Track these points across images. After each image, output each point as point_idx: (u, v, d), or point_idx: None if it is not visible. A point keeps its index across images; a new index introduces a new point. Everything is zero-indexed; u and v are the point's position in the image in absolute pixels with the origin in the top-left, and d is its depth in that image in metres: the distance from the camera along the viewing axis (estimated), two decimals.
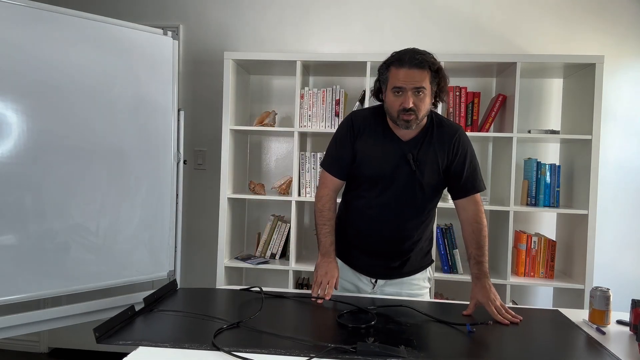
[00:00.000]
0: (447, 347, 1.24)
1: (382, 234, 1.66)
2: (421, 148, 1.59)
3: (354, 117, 1.68)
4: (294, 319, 1.42)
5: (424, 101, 1.50)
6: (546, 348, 1.25)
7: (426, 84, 1.48)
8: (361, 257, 1.72)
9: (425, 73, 1.48)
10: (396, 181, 1.60)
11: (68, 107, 2.01)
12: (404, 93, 1.48)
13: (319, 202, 1.71)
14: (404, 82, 1.48)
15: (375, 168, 1.62)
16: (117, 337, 1.22)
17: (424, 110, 1.52)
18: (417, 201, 1.63)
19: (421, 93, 1.48)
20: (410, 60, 1.47)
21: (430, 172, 1.60)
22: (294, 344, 1.20)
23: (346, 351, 1.15)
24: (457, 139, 1.61)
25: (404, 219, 1.64)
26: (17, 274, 1.90)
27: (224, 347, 1.15)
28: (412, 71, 1.47)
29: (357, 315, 1.44)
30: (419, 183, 1.59)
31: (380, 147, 1.61)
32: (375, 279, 1.71)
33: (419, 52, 1.50)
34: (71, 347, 3.04)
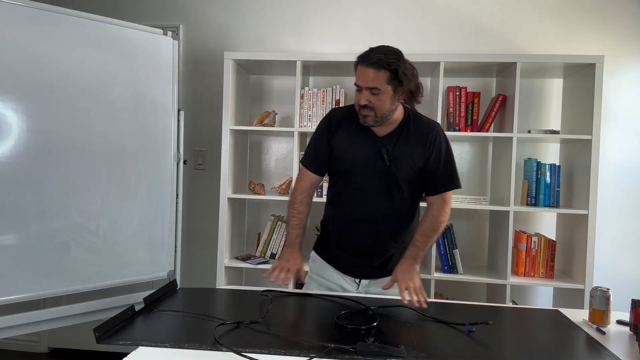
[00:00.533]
0: (447, 347, 1.24)
1: (361, 231, 1.67)
2: (396, 143, 1.60)
3: (332, 114, 1.72)
4: (294, 319, 1.42)
5: (382, 100, 1.51)
6: (546, 348, 1.25)
7: (381, 84, 1.49)
8: (344, 257, 1.73)
9: (381, 74, 1.48)
10: (371, 176, 1.62)
11: (68, 107, 2.01)
12: (362, 90, 1.51)
13: (292, 195, 1.74)
14: (360, 80, 1.51)
15: (351, 163, 1.64)
16: (117, 337, 1.22)
17: (383, 109, 1.52)
18: (394, 197, 1.63)
19: (376, 93, 1.49)
20: (369, 59, 1.48)
21: (405, 167, 1.60)
22: (294, 344, 1.20)
23: (346, 351, 1.15)
24: (433, 137, 1.61)
25: (382, 216, 1.64)
26: (17, 274, 1.90)
27: (226, 346, 1.15)
28: (368, 70, 1.48)
29: (357, 316, 1.44)
30: (393, 178, 1.60)
31: (356, 143, 1.63)
32: (359, 279, 1.72)
33: (381, 51, 1.50)
34: (71, 347, 3.04)
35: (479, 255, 2.77)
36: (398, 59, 1.50)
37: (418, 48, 2.77)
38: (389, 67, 1.47)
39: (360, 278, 1.72)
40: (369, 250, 1.69)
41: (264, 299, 1.58)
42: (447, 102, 2.55)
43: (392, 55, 1.49)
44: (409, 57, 2.46)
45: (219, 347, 1.16)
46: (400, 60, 1.50)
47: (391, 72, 1.48)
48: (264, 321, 1.36)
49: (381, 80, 1.48)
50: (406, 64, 1.52)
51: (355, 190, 1.65)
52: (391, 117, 1.58)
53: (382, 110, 1.53)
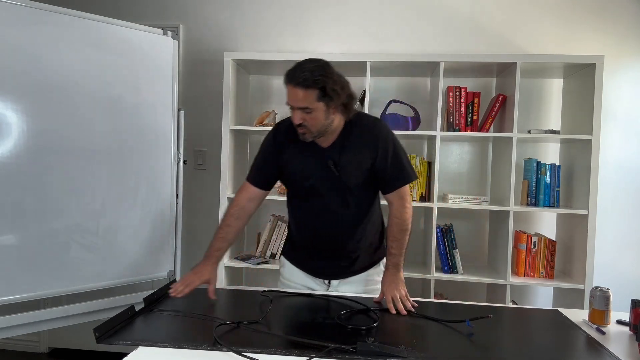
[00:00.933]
0: (447, 347, 1.24)
1: (324, 240, 1.68)
2: (342, 152, 1.57)
3: (276, 130, 1.68)
4: (294, 319, 1.42)
5: (315, 118, 1.47)
6: (546, 348, 1.25)
7: (310, 103, 1.44)
8: (311, 261, 1.73)
9: (310, 92, 1.43)
10: (323, 188, 1.61)
11: (68, 107, 2.01)
12: (293, 109, 1.48)
13: (229, 206, 1.71)
14: (290, 100, 1.47)
15: (302, 178, 1.63)
16: (117, 337, 1.22)
17: (317, 125, 1.49)
18: (349, 204, 1.62)
19: (308, 112, 1.46)
20: (295, 78, 1.43)
21: (354, 173, 1.59)
22: (294, 344, 1.20)
23: (346, 351, 1.15)
24: (375, 136, 1.59)
25: (341, 223, 1.64)
26: (17, 274, 1.90)
27: (226, 346, 1.15)
28: (296, 90, 1.44)
29: (357, 316, 1.44)
30: (345, 186, 1.59)
31: (303, 157, 1.61)
32: (328, 280, 1.73)
33: (307, 68, 1.43)
34: (71, 347, 3.04)
35: (479, 255, 2.77)
36: (325, 74, 1.44)
37: (418, 48, 2.78)
38: (317, 85, 1.42)
39: (329, 279, 1.73)
40: (334, 255, 1.70)
41: (264, 299, 1.58)
42: (447, 102, 2.55)
43: (319, 72, 1.43)
44: (409, 57, 2.50)
45: (219, 347, 1.16)
46: (327, 76, 1.44)
47: (319, 89, 1.43)
48: (264, 321, 1.36)
49: (310, 99, 1.44)
50: (334, 77, 1.47)
51: (312, 201, 1.65)
52: (330, 129, 1.55)
53: (316, 126, 1.50)
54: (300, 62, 1.46)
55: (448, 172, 2.78)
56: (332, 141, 1.59)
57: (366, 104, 2.53)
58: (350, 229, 1.65)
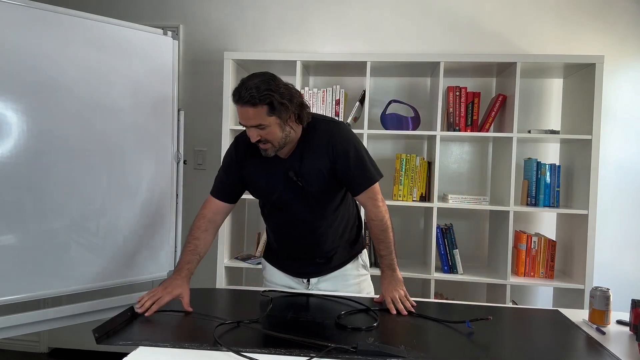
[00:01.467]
0: (447, 347, 1.24)
1: (298, 244, 1.70)
2: (302, 161, 1.56)
3: (236, 144, 1.66)
4: (294, 319, 1.42)
5: (272, 132, 1.45)
6: (546, 348, 1.25)
7: (262, 119, 1.42)
8: (288, 262, 1.76)
9: (259, 109, 1.41)
10: (288, 199, 1.61)
11: (68, 107, 2.01)
12: (248, 128, 1.46)
13: (195, 220, 1.68)
14: (242, 120, 1.45)
15: (265, 191, 1.63)
16: (116, 337, 1.22)
17: (277, 138, 1.47)
18: (316, 210, 1.62)
19: (262, 128, 1.44)
20: (241, 98, 1.40)
21: (316, 181, 1.57)
22: (294, 344, 1.20)
23: (346, 351, 1.15)
24: (332, 142, 1.55)
25: (311, 228, 1.65)
26: (17, 274, 1.90)
27: (226, 346, 1.15)
28: (245, 109, 1.41)
29: (357, 316, 1.44)
30: (310, 195, 1.58)
31: (265, 170, 1.60)
32: (307, 279, 1.74)
33: (251, 87, 1.40)
34: (71, 347, 3.04)
35: (479, 255, 2.77)
36: (270, 89, 1.41)
37: (418, 48, 2.78)
38: (264, 101, 1.40)
39: (308, 277, 1.74)
40: (309, 256, 1.71)
41: (264, 299, 1.58)
42: (447, 102, 2.55)
43: (264, 87, 1.40)
44: (409, 57, 2.50)
45: (218, 347, 1.16)
46: (273, 90, 1.41)
47: (267, 105, 1.41)
48: (263, 321, 1.36)
49: (261, 115, 1.42)
50: (281, 89, 1.43)
51: (279, 210, 1.66)
52: (290, 140, 1.52)
53: (276, 139, 1.48)
54: (244, 80, 1.43)
55: (448, 172, 2.79)
56: (291, 151, 1.58)
57: (366, 104, 2.53)
58: (322, 233, 1.66)
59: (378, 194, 1.62)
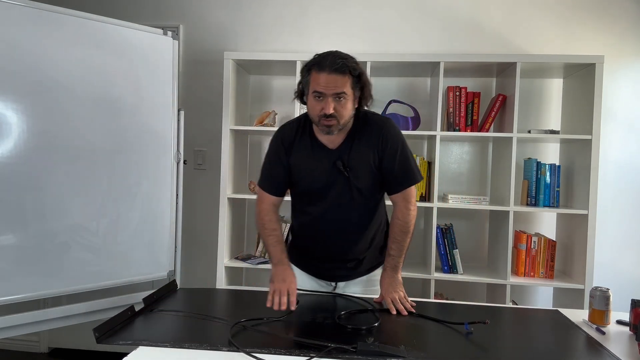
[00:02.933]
0: (447, 347, 1.24)
1: (331, 243, 1.66)
2: (350, 153, 1.56)
3: (282, 133, 1.65)
4: (295, 318, 1.42)
5: (346, 107, 1.46)
6: (546, 348, 1.25)
7: (347, 89, 1.44)
8: (317, 265, 1.72)
9: (346, 78, 1.43)
10: (332, 191, 1.58)
11: (68, 107, 2.01)
12: (325, 98, 1.44)
13: (259, 217, 1.69)
14: (324, 87, 1.43)
15: (310, 182, 1.61)
16: (117, 337, 1.22)
17: (346, 115, 1.47)
18: (358, 205, 1.61)
19: (342, 98, 1.44)
20: (331, 64, 1.41)
21: (364, 174, 1.57)
22: (294, 343, 1.20)
23: (346, 351, 1.15)
24: (383, 135, 1.56)
25: (350, 224, 1.63)
26: (17, 274, 1.90)
27: (241, 347, 1.15)
28: (332, 76, 1.42)
29: (357, 316, 1.44)
30: (355, 188, 1.57)
31: (311, 160, 1.59)
32: (335, 283, 1.72)
33: (341, 56, 1.45)
34: (71, 347, 3.04)
35: (479, 255, 2.77)
36: (357, 63, 1.46)
37: (418, 48, 2.78)
38: (354, 72, 1.44)
39: (336, 281, 1.72)
40: (341, 258, 1.68)
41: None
42: (447, 102, 2.55)
43: (352, 60, 1.45)
44: (409, 57, 2.50)
45: (218, 347, 1.16)
46: (358, 65, 1.47)
47: (355, 76, 1.44)
48: (264, 321, 1.36)
49: (347, 85, 1.44)
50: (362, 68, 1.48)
51: (319, 205, 1.62)
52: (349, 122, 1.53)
53: (345, 116, 1.47)
54: (327, 52, 1.46)
55: (448, 172, 2.78)
56: (341, 141, 1.57)
57: None
58: (359, 231, 1.64)
59: (413, 197, 1.62)
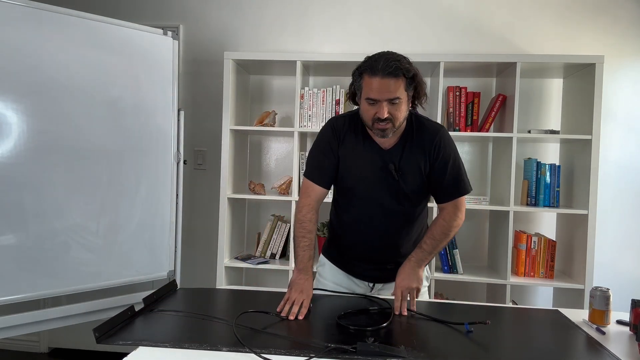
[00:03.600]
0: (447, 347, 1.24)
1: (373, 245, 1.63)
2: (402, 156, 1.53)
3: (335, 123, 1.60)
4: (294, 319, 1.42)
5: (400, 109, 1.42)
6: (546, 348, 1.25)
7: (401, 93, 1.40)
8: (356, 264, 1.68)
9: (400, 81, 1.39)
10: (378, 191, 1.56)
11: (68, 107, 2.01)
12: (378, 103, 1.41)
13: (300, 213, 1.61)
14: (377, 93, 1.39)
15: (357, 178, 1.57)
16: (117, 337, 1.21)
17: (401, 118, 1.44)
18: (405, 209, 1.58)
19: (396, 102, 1.41)
20: (384, 69, 1.37)
21: (413, 179, 1.54)
22: (294, 344, 1.20)
23: (346, 351, 1.15)
24: (437, 142, 1.53)
25: (393, 228, 1.60)
26: (17, 274, 1.90)
27: (248, 347, 1.15)
28: (385, 81, 1.37)
29: (359, 315, 1.44)
30: (403, 192, 1.55)
31: (362, 157, 1.55)
32: (372, 284, 1.69)
33: (393, 58, 1.39)
34: (71, 347, 3.04)
35: (479, 255, 2.78)
36: (410, 63, 1.41)
37: (418, 48, 2.77)
38: (408, 74, 1.39)
39: (374, 282, 1.69)
40: (381, 260, 1.65)
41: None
42: (447, 102, 2.55)
43: (405, 61, 1.40)
44: (409, 57, 2.49)
45: (218, 347, 1.16)
46: (411, 65, 1.42)
47: (408, 78, 1.40)
48: (264, 320, 1.36)
49: (400, 88, 1.40)
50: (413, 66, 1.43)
51: (362, 204, 1.58)
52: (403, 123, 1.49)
53: (400, 119, 1.44)
54: (379, 54, 1.41)
55: None
56: (394, 143, 1.54)
57: None
58: (401, 234, 1.61)
59: (463, 207, 1.59)
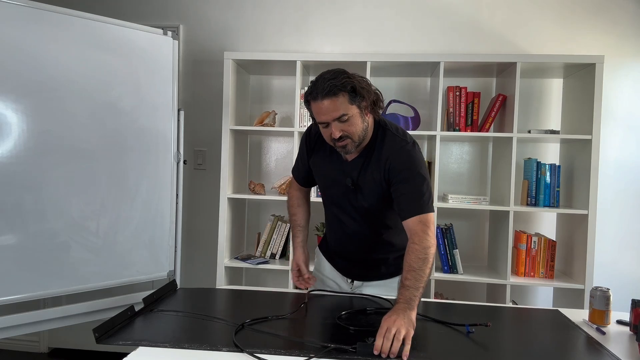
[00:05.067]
0: (447, 348, 1.24)
1: (349, 245, 1.69)
2: (361, 169, 1.53)
3: (309, 131, 1.68)
4: (296, 318, 1.42)
5: (353, 124, 1.42)
6: (546, 348, 1.25)
7: (346, 108, 1.39)
8: (338, 259, 1.75)
9: (341, 98, 1.38)
10: (342, 199, 1.60)
11: (68, 107, 2.01)
12: (329, 125, 1.42)
13: (288, 200, 1.83)
14: (324, 115, 1.40)
15: (326, 187, 1.67)
16: (117, 337, 1.22)
17: (358, 132, 1.44)
18: (370, 219, 1.60)
19: (346, 119, 1.40)
20: (321, 91, 1.38)
21: (370, 193, 1.53)
22: (294, 344, 1.20)
23: (346, 351, 1.15)
24: (389, 159, 1.48)
25: (362, 234, 1.63)
26: (17, 274, 1.90)
27: (241, 347, 1.15)
28: (326, 102, 1.38)
29: (358, 316, 1.44)
30: (361, 205, 1.57)
31: (328, 167, 1.61)
32: (351, 280, 1.73)
33: (329, 77, 1.39)
34: (71, 347, 3.04)
35: (479, 255, 2.78)
36: (348, 76, 1.40)
37: (418, 48, 2.78)
38: (345, 88, 1.38)
39: (353, 279, 1.72)
40: (359, 260, 1.70)
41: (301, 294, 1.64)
42: (447, 102, 2.55)
43: (341, 76, 1.39)
44: (409, 57, 2.50)
45: (218, 348, 1.16)
46: (350, 77, 1.40)
47: (349, 92, 1.38)
48: (264, 321, 1.36)
49: (344, 104, 1.39)
50: (356, 77, 1.42)
51: (336, 207, 1.66)
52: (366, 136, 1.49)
53: (357, 133, 1.44)
54: (317, 77, 1.42)
55: (448, 172, 2.78)
56: (357, 155, 1.54)
57: None
58: (369, 243, 1.64)
59: (431, 224, 1.44)
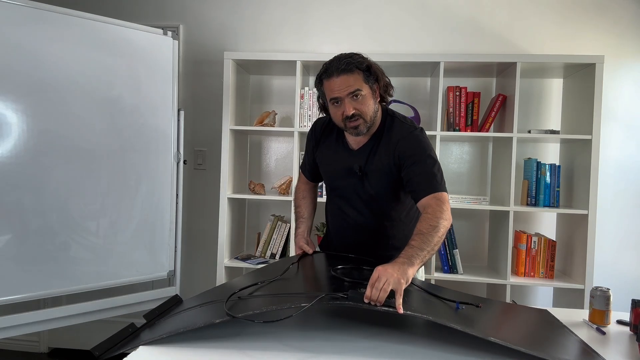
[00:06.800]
0: (435, 309, 1.23)
1: (354, 237, 1.66)
2: (369, 156, 1.54)
3: (315, 125, 1.73)
4: (286, 278, 1.42)
5: (365, 103, 1.46)
6: (525, 333, 1.23)
7: (360, 85, 1.45)
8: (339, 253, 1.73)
9: (356, 75, 1.44)
10: (349, 191, 1.61)
11: (68, 107, 2.01)
12: (342, 102, 1.46)
13: (294, 193, 1.87)
14: (338, 91, 1.45)
15: (330, 176, 1.68)
16: (116, 350, 1.20)
17: (369, 112, 1.48)
18: (375, 209, 1.60)
19: (359, 96, 1.45)
20: (337, 68, 1.44)
21: (378, 180, 1.54)
22: (286, 299, 1.19)
23: (337, 298, 1.14)
24: (399, 144, 1.50)
25: (366, 227, 1.62)
26: (17, 274, 1.90)
27: (232, 315, 1.14)
28: (342, 77, 1.44)
29: (352, 272, 1.44)
30: (368, 194, 1.57)
31: (334, 158, 1.64)
32: None
33: (344, 56, 1.47)
34: (71, 347, 3.04)
35: (479, 255, 2.78)
36: (363, 57, 1.48)
37: (418, 48, 2.78)
38: (361, 66, 1.45)
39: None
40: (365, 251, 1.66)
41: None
42: (447, 102, 2.55)
43: (356, 55, 1.48)
44: (409, 57, 2.50)
45: (212, 322, 1.16)
46: (365, 58, 1.49)
47: (364, 70, 1.45)
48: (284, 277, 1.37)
49: (359, 81, 1.45)
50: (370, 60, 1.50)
51: (340, 199, 1.66)
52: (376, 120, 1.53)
53: (368, 113, 1.48)
54: (331, 59, 1.49)
55: (448, 172, 2.78)
56: (364, 143, 1.57)
57: None
58: (376, 232, 1.63)
59: (446, 202, 1.42)
